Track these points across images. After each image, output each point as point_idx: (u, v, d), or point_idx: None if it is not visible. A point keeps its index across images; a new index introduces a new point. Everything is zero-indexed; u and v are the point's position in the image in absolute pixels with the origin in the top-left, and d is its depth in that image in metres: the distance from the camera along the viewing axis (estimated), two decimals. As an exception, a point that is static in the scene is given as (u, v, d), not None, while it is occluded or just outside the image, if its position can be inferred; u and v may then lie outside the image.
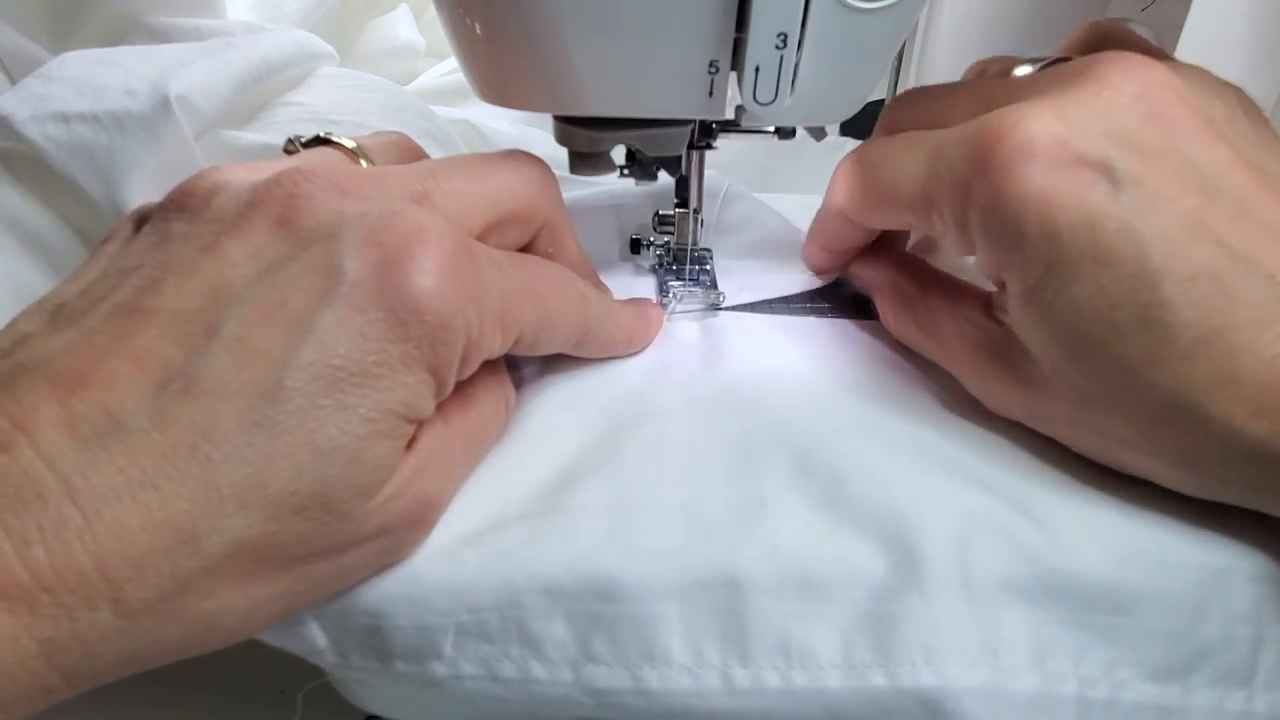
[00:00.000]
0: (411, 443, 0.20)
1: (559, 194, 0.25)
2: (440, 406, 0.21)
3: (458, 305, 0.19)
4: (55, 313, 0.20)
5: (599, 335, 0.27)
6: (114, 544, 0.16)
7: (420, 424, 0.20)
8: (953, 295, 0.27)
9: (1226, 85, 0.23)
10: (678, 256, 0.32)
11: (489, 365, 0.23)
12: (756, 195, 0.36)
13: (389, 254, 0.19)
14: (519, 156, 0.25)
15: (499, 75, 0.25)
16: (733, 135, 0.30)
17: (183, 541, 0.17)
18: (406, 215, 0.20)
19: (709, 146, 0.30)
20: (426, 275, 0.19)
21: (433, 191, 0.22)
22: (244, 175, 0.21)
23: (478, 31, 0.23)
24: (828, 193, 0.28)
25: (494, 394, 0.24)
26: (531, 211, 0.24)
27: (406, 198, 0.21)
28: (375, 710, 0.25)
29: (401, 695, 0.23)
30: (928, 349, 0.27)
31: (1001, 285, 0.23)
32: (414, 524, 0.21)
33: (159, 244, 0.20)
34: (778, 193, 0.39)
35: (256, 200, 0.20)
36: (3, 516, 0.16)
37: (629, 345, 0.28)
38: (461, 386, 0.22)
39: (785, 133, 0.31)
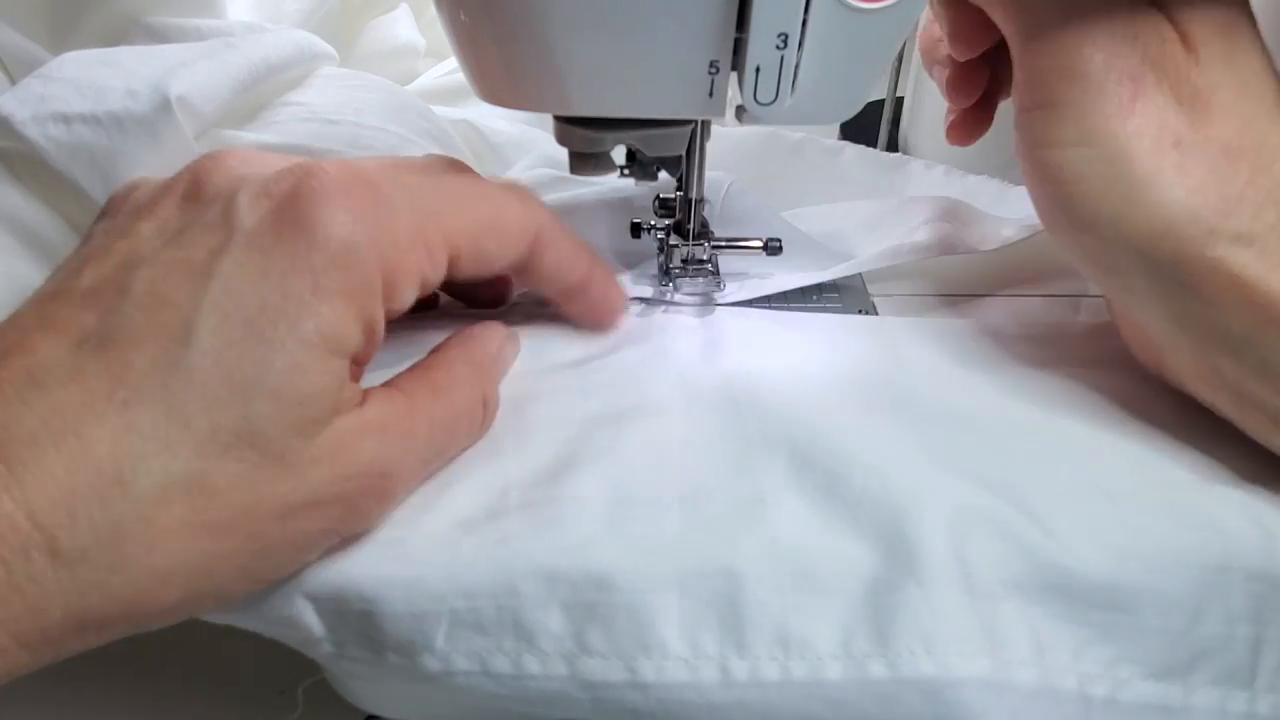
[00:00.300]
0: (362, 403, 0.21)
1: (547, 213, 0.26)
2: (403, 381, 0.22)
3: (358, 227, 0.20)
4: None
5: (555, 249, 0.26)
6: (41, 490, 0.17)
7: (359, 367, 0.21)
8: None
9: None
10: (682, 261, 0.32)
11: (465, 359, 0.24)
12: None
13: (280, 199, 0.20)
14: (439, 155, 0.26)
15: (499, 75, 0.25)
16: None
17: (110, 483, 0.17)
18: (297, 166, 0.20)
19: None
20: (319, 207, 0.19)
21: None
22: (157, 178, 0.23)
23: (477, 31, 0.23)
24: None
25: (471, 389, 0.24)
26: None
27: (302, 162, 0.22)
28: (372, 709, 0.25)
29: (397, 692, 0.23)
30: None
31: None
32: (367, 492, 0.21)
33: (83, 244, 0.22)
34: (775, 191, 0.39)
35: (167, 186, 0.22)
36: None
37: (589, 279, 0.28)
38: (434, 373, 0.23)
39: (772, 249, 0.32)
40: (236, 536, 0.19)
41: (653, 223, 0.33)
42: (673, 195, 0.32)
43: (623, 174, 0.30)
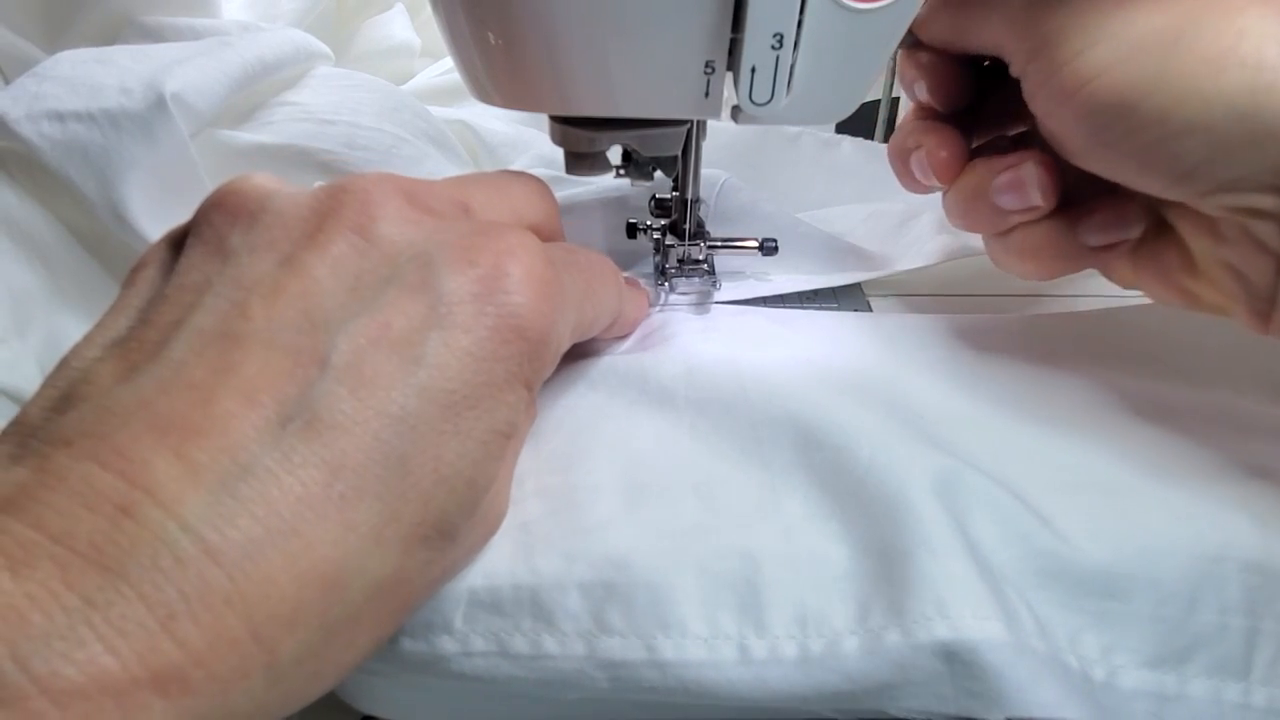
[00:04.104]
0: None
1: (558, 209, 0.27)
2: None
3: (551, 320, 0.20)
4: (119, 346, 0.18)
5: (622, 319, 0.28)
6: (264, 603, 0.15)
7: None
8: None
9: None
10: (678, 261, 0.33)
11: None
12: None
13: (486, 273, 0.19)
14: (524, 175, 0.26)
15: (494, 75, 0.25)
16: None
17: (329, 588, 0.16)
18: (493, 232, 0.20)
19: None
20: (523, 293, 0.19)
21: (471, 203, 0.22)
22: (275, 183, 0.21)
23: (473, 31, 0.23)
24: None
25: (531, 411, 0.24)
26: (544, 222, 0.25)
27: (455, 206, 0.22)
28: (371, 710, 0.25)
29: (399, 691, 0.23)
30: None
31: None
32: (487, 539, 0.21)
33: (220, 258, 0.19)
34: (772, 185, 0.39)
35: (325, 210, 0.19)
36: (140, 589, 0.14)
37: (627, 327, 0.30)
38: None
39: (768, 249, 0.32)
40: (405, 616, 0.19)
41: (649, 223, 0.33)
42: (668, 196, 0.32)
43: (618, 174, 0.30)
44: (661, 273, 0.32)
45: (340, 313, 0.18)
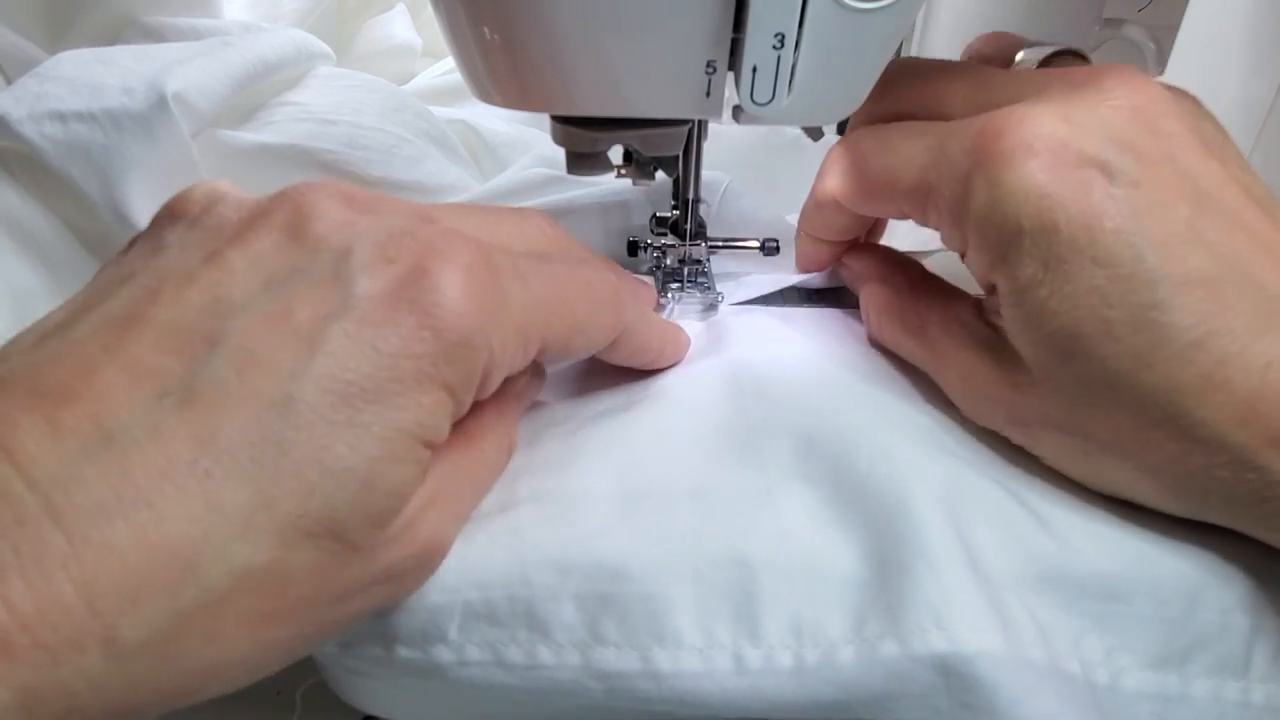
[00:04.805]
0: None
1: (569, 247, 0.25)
2: (446, 446, 0.20)
3: (476, 321, 0.18)
4: (42, 325, 0.18)
5: (634, 339, 0.25)
6: (103, 571, 0.15)
7: (432, 453, 0.19)
8: (943, 294, 0.27)
9: (1206, 110, 0.24)
10: (678, 260, 0.33)
11: (495, 405, 0.23)
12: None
13: (403, 269, 0.18)
14: (527, 211, 0.25)
15: (496, 75, 0.25)
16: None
17: (182, 567, 0.15)
18: (421, 230, 0.19)
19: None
20: (443, 291, 0.18)
21: (439, 218, 0.21)
22: (229, 189, 0.20)
23: (474, 32, 0.23)
24: (818, 179, 0.28)
25: (498, 437, 0.23)
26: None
27: (415, 216, 0.21)
28: (371, 710, 0.25)
29: (399, 692, 0.23)
30: (909, 348, 0.27)
31: (992, 288, 0.23)
32: (420, 568, 0.20)
33: (153, 253, 0.19)
34: (774, 187, 0.39)
35: (261, 211, 0.19)
36: None
37: (659, 358, 0.27)
38: (467, 426, 0.21)
39: (769, 249, 0.32)
40: (295, 624, 0.18)
41: (649, 240, 0.33)
42: (670, 215, 0.32)
43: (620, 174, 0.30)
44: (662, 289, 0.32)
45: (247, 300, 0.18)
